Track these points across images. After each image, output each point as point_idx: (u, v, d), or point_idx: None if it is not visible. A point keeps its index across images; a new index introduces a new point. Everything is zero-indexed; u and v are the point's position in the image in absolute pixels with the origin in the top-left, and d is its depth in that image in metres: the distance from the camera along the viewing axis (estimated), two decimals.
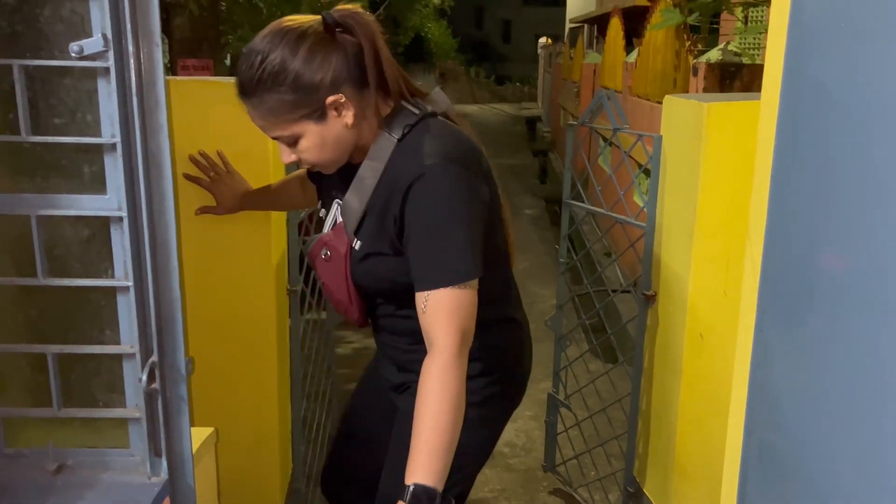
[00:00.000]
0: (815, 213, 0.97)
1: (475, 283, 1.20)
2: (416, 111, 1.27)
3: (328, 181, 1.39)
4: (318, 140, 1.23)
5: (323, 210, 1.43)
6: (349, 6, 1.24)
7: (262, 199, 1.76)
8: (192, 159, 1.75)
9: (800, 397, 0.99)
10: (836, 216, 0.90)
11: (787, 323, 1.04)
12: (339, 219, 1.33)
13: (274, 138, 1.27)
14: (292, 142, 1.25)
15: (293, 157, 1.27)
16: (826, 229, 0.93)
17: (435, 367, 1.15)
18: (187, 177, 1.77)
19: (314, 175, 1.47)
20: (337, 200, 1.37)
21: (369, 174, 1.26)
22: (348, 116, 1.22)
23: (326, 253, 1.35)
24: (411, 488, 1.10)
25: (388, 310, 1.38)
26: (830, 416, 0.89)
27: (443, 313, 1.16)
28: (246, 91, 1.22)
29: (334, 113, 1.21)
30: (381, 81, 1.23)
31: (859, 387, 0.82)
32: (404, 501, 1.09)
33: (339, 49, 1.20)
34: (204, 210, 1.79)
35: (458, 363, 1.16)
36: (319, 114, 1.21)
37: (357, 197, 1.28)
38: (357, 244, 1.31)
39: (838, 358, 0.88)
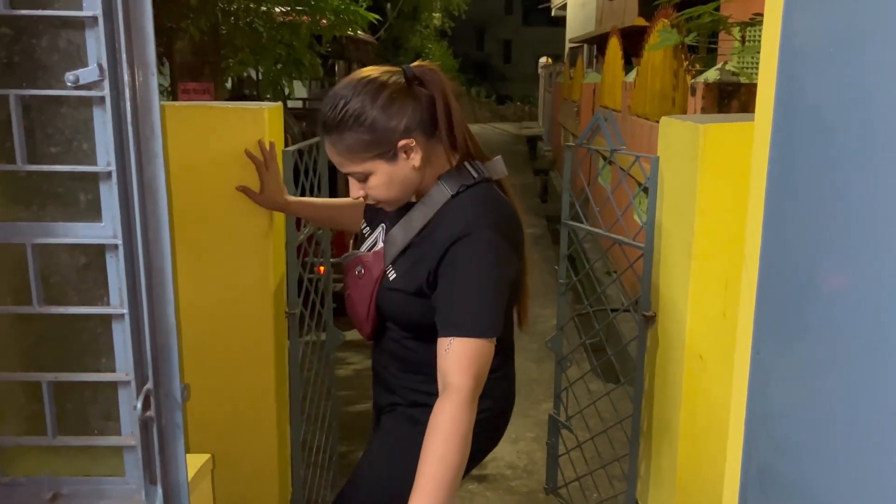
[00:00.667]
0: (810, 235, 0.97)
1: (494, 339, 1.29)
2: (475, 175, 1.39)
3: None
4: (386, 178, 1.35)
5: (367, 228, 1.54)
6: (426, 63, 1.39)
7: (308, 208, 1.84)
8: (260, 143, 1.83)
9: (798, 418, 0.99)
10: (832, 237, 0.90)
11: (785, 344, 1.04)
12: (381, 245, 1.45)
13: (347, 174, 1.38)
14: (363, 178, 1.36)
15: (362, 193, 1.39)
16: (821, 250, 0.93)
17: (449, 406, 1.21)
18: (248, 153, 1.82)
19: None
20: (382, 225, 1.49)
21: (418, 217, 1.38)
22: (416, 159, 1.34)
23: (360, 271, 1.46)
24: None
25: (394, 335, 1.48)
26: (829, 437, 0.88)
27: (464, 360, 1.24)
28: (328, 129, 1.34)
29: (404, 155, 1.33)
30: (449, 133, 1.36)
31: (857, 407, 0.82)
32: None
33: (414, 99, 1.33)
34: (244, 190, 1.83)
35: (469, 406, 1.22)
36: (391, 154, 1.33)
37: (402, 234, 1.40)
38: (392, 275, 1.41)
39: (835, 378, 0.87)
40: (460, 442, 1.19)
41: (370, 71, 1.35)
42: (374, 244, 1.48)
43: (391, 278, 1.41)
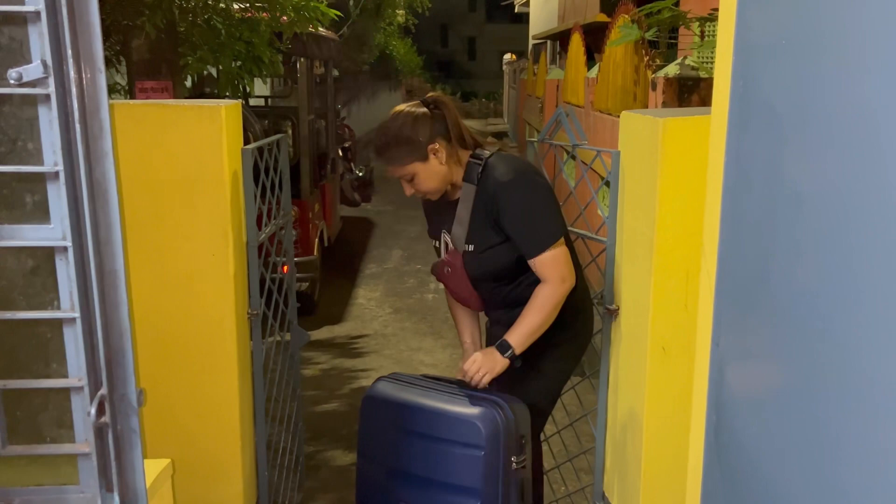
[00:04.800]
0: (765, 226, 0.98)
1: (561, 240, 1.90)
2: (479, 161, 1.94)
3: (436, 221, 2.07)
4: (425, 174, 1.92)
5: (434, 241, 2.09)
6: (437, 93, 2.02)
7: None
8: None
9: (756, 408, 1.00)
10: (786, 228, 0.91)
11: (742, 335, 1.05)
12: (450, 245, 2.00)
13: (399, 178, 1.95)
14: (410, 179, 1.93)
15: (411, 191, 1.96)
16: (776, 242, 0.94)
17: (543, 290, 1.89)
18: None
19: (428, 213, 2.13)
20: (444, 232, 2.02)
21: (464, 212, 1.95)
22: (442, 157, 1.91)
23: (448, 270, 2.02)
24: (502, 341, 1.88)
25: (496, 292, 2.02)
26: (785, 425, 0.90)
27: (545, 269, 1.88)
28: (380, 151, 1.94)
29: (433, 155, 1.91)
30: (459, 137, 1.95)
31: (811, 396, 0.83)
32: (497, 348, 1.89)
33: (432, 118, 1.92)
34: None
35: (554, 291, 1.88)
36: (423, 156, 1.90)
37: (460, 227, 1.97)
38: (470, 248, 1.97)
39: (790, 368, 0.89)
40: (547, 310, 1.88)
41: (401, 107, 1.97)
42: (447, 247, 2.01)
43: (473, 250, 1.96)
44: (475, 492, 1.80)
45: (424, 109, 1.95)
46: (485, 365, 1.89)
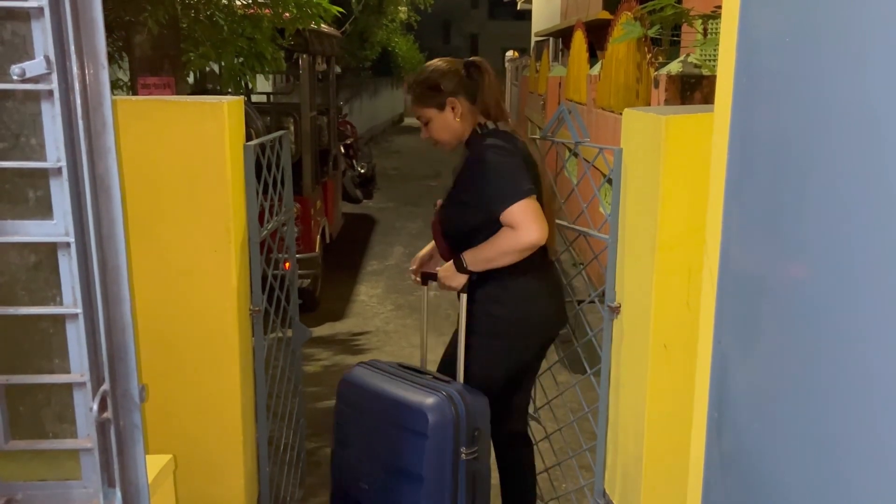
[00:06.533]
0: (768, 224, 0.98)
1: (529, 195, 1.91)
2: (482, 132, 2.07)
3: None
4: (438, 123, 2.10)
5: None
6: (479, 59, 2.15)
7: None
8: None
9: (757, 406, 1.00)
10: (789, 226, 0.91)
11: (744, 333, 1.05)
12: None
13: (417, 118, 2.15)
14: (426, 122, 2.12)
15: (426, 135, 2.15)
16: (779, 240, 0.94)
17: (507, 230, 1.93)
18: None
19: None
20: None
21: (454, 174, 2.15)
22: (458, 113, 2.07)
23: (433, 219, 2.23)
24: (457, 257, 2.04)
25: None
26: (786, 423, 0.90)
27: (515, 216, 1.90)
28: (411, 88, 2.13)
29: (450, 108, 2.08)
30: (483, 102, 2.09)
31: (813, 394, 0.83)
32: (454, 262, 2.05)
33: (466, 77, 2.09)
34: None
35: (521, 239, 1.91)
36: (441, 106, 2.08)
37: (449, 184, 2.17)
38: (442, 201, 2.15)
39: (792, 366, 0.89)
40: (501, 248, 1.95)
41: (443, 58, 2.17)
42: None
43: (445, 202, 2.12)
44: (420, 478, 1.87)
45: (461, 68, 2.10)
46: (446, 276, 2.08)
